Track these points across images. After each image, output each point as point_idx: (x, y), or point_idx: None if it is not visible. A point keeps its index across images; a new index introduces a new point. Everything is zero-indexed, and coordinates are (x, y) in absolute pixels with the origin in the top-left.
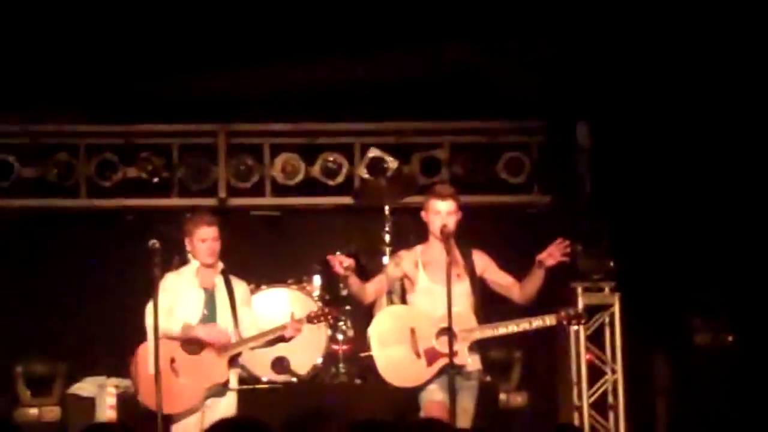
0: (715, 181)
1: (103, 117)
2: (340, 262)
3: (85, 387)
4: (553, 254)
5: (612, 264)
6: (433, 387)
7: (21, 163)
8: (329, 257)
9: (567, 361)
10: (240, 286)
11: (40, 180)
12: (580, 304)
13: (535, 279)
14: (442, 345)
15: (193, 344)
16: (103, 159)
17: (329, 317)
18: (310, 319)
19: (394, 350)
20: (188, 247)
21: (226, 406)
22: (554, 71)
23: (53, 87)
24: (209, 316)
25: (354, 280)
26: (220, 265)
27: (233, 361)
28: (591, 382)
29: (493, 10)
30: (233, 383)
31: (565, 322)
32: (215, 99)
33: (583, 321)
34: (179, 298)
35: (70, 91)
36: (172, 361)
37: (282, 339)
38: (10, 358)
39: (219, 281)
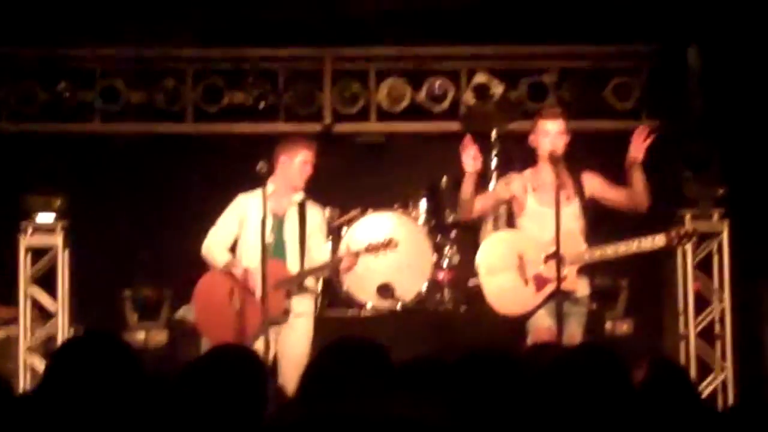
0: None
1: (210, 42)
2: (474, 156)
3: (191, 311)
4: (637, 146)
5: (721, 190)
6: (541, 312)
7: (128, 87)
8: (464, 142)
9: (674, 290)
10: (315, 215)
11: (148, 105)
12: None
13: (638, 182)
14: (550, 270)
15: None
16: (209, 84)
17: (388, 247)
18: (369, 249)
19: (502, 277)
20: (281, 166)
21: (297, 335)
22: None
23: (159, 11)
24: (276, 245)
25: (469, 186)
26: (299, 195)
27: (290, 293)
28: (698, 311)
29: None
30: (300, 309)
31: (675, 242)
32: (321, 23)
33: (693, 239)
34: (248, 222)
35: (177, 15)
36: (231, 293)
37: (338, 271)
38: (118, 283)
39: (293, 209)
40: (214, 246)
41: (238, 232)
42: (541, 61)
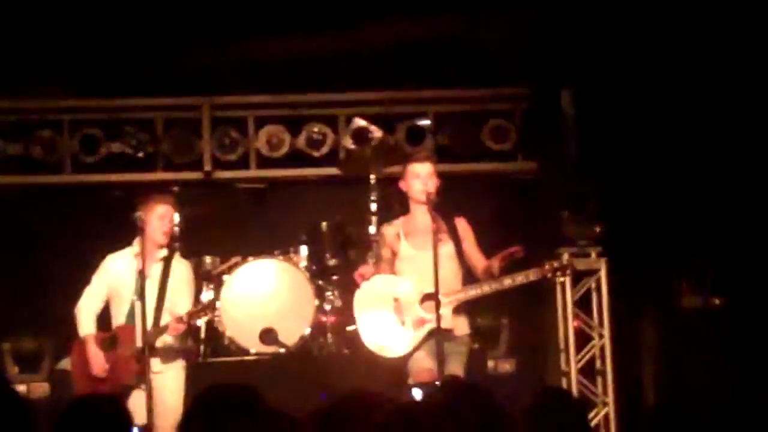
0: (701, 145)
1: (86, 92)
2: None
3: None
4: (499, 260)
5: (598, 229)
6: (420, 354)
7: (5, 139)
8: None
9: (554, 327)
10: (181, 269)
11: (25, 157)
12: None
13: (495, 270)
14: (427, 310)
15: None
16: (86, 134)
17: (207, 312)
18: (190, 316)
19: (379, 320)
20: (141, 223)
21: (168, 389)
22: (537, 38)
23: (36, 63)
24: (137, 305)
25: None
26: (163, 251)
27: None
28: (578, 348)
29: None
30: (167, 364)
31: (549, 275)
32: (198, 72)
33: (568, 272)
34: (117, 285)
35: (53, 67)
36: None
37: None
38: None
39: (156, 266)
40: (83, 312)
41: (107, 295)
42: (417, 105)
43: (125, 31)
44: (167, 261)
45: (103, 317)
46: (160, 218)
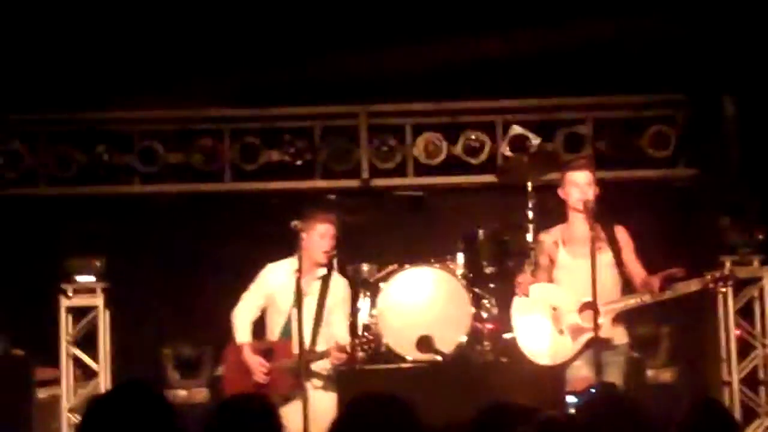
0: None
1: (246, 101)
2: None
3: None
4: (662, 278)
5: (761, 236)
6: (578, 363)
7: (166, 149)
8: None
9: (716, 337)
10: (339, 289)
11: (185, 165)
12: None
13: (654, 284)
14: (585, 319)
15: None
16: (246, 143)
17: (371, 344)
18: (353, 348)
19: (537, 328)
20: (299, 233)
21: (321, 408)
22: (698, 43)
23: (197, 73)
24: (294, 321)
25: None
26: (322, 270)
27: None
28: (741, 357)
29: None
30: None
31: (711, 286)
32: (356, 80)
33: (730, 283)
34: (275, 295)
35: (214, 76)
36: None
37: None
38: (159, 342)
39: (315, 284)
40: (239, 318)
41: (264, 304)
42: (576, 112)
43: (284, 39)
44: (326, 280)
45: (258, 326)
46: (321, 236)
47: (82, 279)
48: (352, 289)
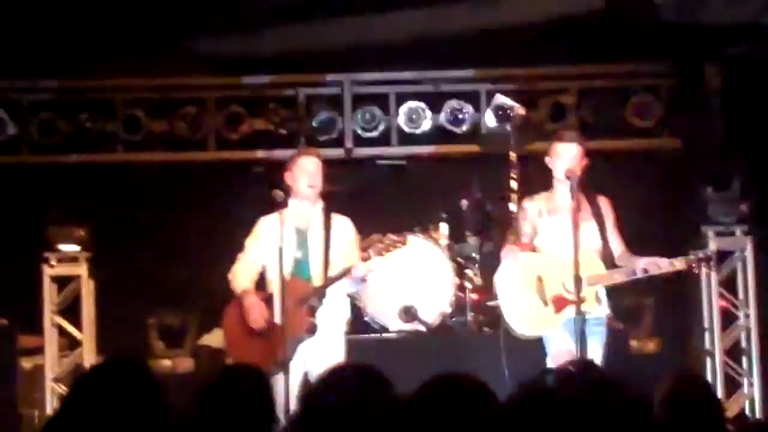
0: None
1: (230, 69)
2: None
3: (216, 338)
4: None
5: (744, 207)
6: (561, 334)
7: (150, 116)
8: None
9: (699, 307)
10: (341, 224)
11: (169, 134)
12: (712, 248)
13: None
14: (570, 291)
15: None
16: (230, 111)
17: (396, 245)
18: (378, 251)
19: (521, 298)
20: (289, 181)
21: (330, 354)
22: (682, 12)
23: (181, 39)
24: (302, 259)
25: None
26: (320, 203)
27: (314, 310)
28: (724, 328)
29: None
30: (329, 328)
31: (694, 266)
32: (340, 49)
33: (713, 264)
34: (271, 247)
35: (198, 43)
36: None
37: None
38: (142, 311)
39: (316, 219)
40: (239, 274)
41: (262, 258)
42: (560, 81)
43: (271, 8)
44: (326, 215)
45: None
46: (304, 172)
47: (66, 248)
48: None
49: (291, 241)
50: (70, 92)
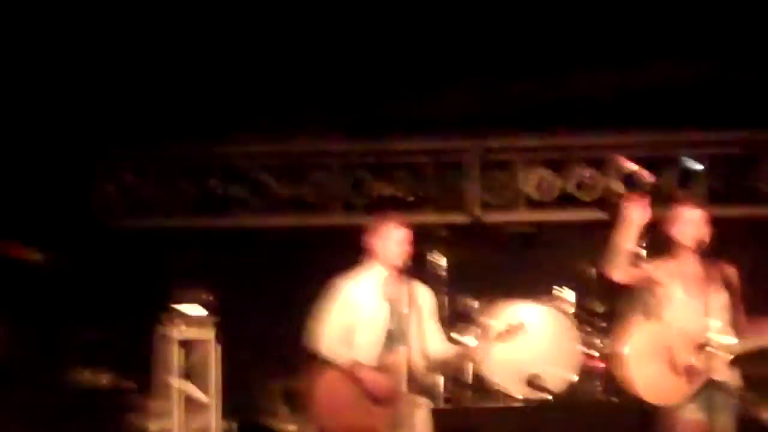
0: None
1: (356, 135)
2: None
3: None
4: None
5: None
6: (691, 405)
7: (278, 182)
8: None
9: None
10: (427, 298)
11: (296, 198)
12: None
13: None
14: (701, 361)
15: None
16: (356, 177)
17: (515, 332)
18: (499, 336)
19: (652, 368)
20: (381, 251)
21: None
22: None
23: (307, 107)
24: (395, 334)
25: (627, 238)
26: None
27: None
28: None
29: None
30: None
31: None
32: (466, 115)
33: None
34: (359, 313)
35: (324, 109)
36: (355, 396)
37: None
38: (267, 375)
39: (403, 291)
40: (334, 342)
41: (349, 323)
42: (689, 148)
43: (394, 74)
44: (410, 288)
45: None
46: (397, 244)
47: (193, 311)
48: (461, 324)
49: (383, 315)
50: (200, 158)
